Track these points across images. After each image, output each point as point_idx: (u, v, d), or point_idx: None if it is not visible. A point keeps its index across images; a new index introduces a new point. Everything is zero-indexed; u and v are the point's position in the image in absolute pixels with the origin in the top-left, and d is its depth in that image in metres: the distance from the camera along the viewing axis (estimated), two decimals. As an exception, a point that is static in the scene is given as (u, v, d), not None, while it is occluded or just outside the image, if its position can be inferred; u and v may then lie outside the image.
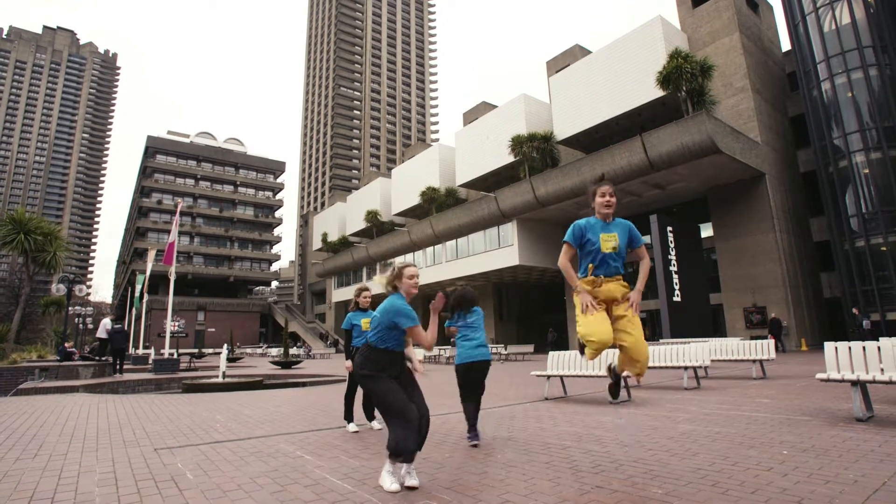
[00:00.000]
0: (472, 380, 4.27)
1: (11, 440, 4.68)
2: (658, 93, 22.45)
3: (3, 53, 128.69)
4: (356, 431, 4.85)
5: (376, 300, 3.89)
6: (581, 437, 4.39)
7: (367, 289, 5.21)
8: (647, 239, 26.93)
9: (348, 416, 5.03)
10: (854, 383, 4.75)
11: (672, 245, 20.30)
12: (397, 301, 3.11)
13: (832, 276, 23.41)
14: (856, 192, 21.41)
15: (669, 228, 20.44)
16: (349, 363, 4.78)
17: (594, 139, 27.45)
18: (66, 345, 19.13)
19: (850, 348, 4.94)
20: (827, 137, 22.20)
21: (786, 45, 65.77)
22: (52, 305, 42.71)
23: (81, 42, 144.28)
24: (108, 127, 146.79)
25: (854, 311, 19.94)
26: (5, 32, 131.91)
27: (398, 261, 3.29)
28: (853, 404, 4.80)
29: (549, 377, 7.59)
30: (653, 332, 27.10)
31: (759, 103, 23.49)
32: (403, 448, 2.90)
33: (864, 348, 4.84)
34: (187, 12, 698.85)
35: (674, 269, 20.14)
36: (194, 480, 3.18)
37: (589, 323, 2.97)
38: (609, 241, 3.10)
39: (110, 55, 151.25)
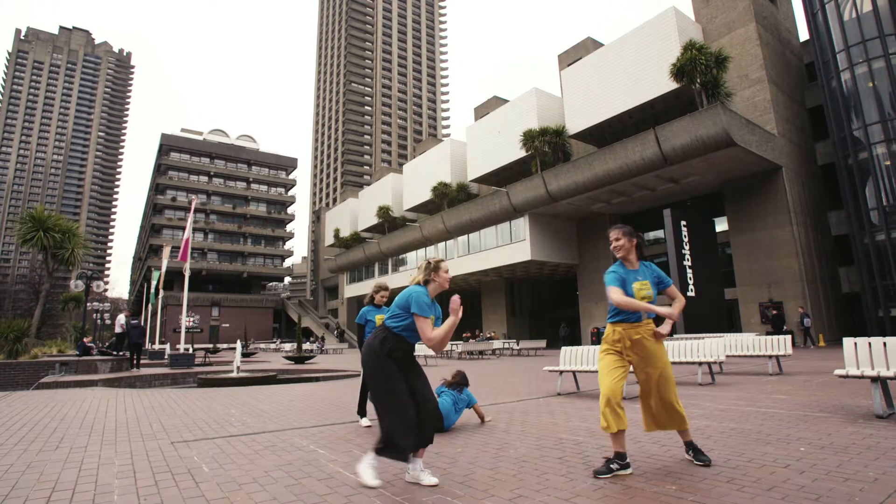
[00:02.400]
0: None
1: (34, 432, 4.79)
2: (672, 85, 22.12)
3: (21, 54, 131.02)
4: (369, 426, 4.87)
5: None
6: (594, 432, 4.37)
7: (385, 287, 5.15)
8: (660, 233, 26.68)
9: (361, 411, 5.05)
10: (874, 380, 4.66)
11: (686, 239, 20.06)
12: (417, 289, 3.00)
13: (851, 271, 22.95)
14: (876, 185, 20.93)
15: (683, 223, 20.19)
16: None
17: (606, 133, 27.16)
18: (85, 340, 19.54)
19: (869, 344, 4.85)
20: (846, 129, 21.71)
21: (804, 34, 64.34)
22: (70, 301, 43.56)
23: (96, 42, 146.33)
24: (123, 125, 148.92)
25: (799, 308, 19.90)
26: (23, 33, 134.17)
27: (431, 256, 3.24)
28: (873, 401, 4.71)
29: (561, 372, 7.56)
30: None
31: (776, 95, 23.04)
32: (398, 443, 2.70)
33: (884, 344, 4.74)
34: (198, 11, 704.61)
35: (688, 263, 19.91)
36: (210, 473, 3.22)
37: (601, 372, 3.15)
38: (642, 290, 3.13)
39: (124, 54, 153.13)
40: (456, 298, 2.79)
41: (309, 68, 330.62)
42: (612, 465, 2.94)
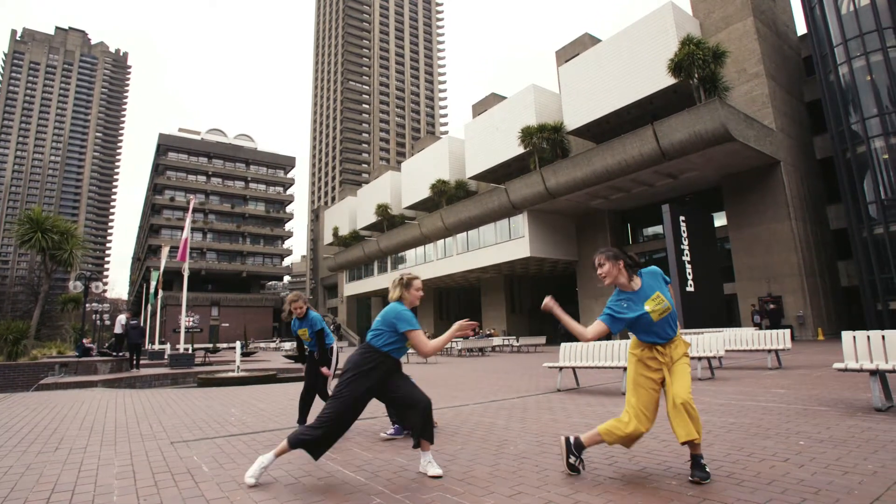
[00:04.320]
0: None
1: (33, 434, 4.79)
2: (670, 80, 22.10)
3: (17, 55, 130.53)
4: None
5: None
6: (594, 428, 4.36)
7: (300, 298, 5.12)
8: (659, 229, 26.71)
9: (302, 420, 4.93)
10: (873, 373, 4.67)
11: (685, 235, 20.04)
12: (397, 306, 3.11)
13: (850, 265, 22.99)
14: (874, 179, 20.94)
15: (682, 218, 20.16)
16: None
17: (605, 129, 27.14)
18: (85, 341, 19.54)
19: (868, 337, 4.86)
20: (844, 123, 21.69)
21: (801, 28, 64.15)
22: (69, 302, 43.50)
23: (93, 42, 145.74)
24: (121, 126, 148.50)
25: (752, 306, 20.20)
26: (19, 34, 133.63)
27: (407, 270, 3.25)
28: (872, 394, 4.72)
29: (561, 369, 7.57)
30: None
31: (774, 89, 23.02)
32: (309, 446, 2.86)
33: (883, 337, 4.75)
34: (194, 10, 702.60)
35: (686, 258, 19.89)
36: (210, 473, 3.22)
37: (633, 407, 2.80)
38: (658, 306, 2.75)
39: (121, 54, 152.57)
40: (468, 323, 3.07)
41: (306, 67, 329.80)
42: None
